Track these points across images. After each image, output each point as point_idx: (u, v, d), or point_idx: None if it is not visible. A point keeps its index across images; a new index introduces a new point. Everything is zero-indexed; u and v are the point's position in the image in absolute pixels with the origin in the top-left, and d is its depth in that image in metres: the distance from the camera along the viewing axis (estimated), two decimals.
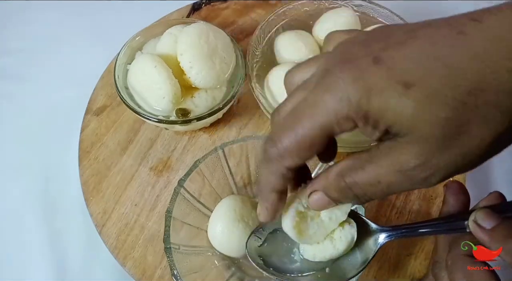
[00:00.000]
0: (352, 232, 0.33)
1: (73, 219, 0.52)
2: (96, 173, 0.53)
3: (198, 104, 0.52)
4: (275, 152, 0.27)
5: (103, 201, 0.51)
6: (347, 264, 0.34)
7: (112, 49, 0.58)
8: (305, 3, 0.59)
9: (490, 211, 0.29)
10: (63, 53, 0.66)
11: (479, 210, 0.30)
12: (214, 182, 0.47)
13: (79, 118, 0.57)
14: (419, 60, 0.23)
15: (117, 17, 0.68)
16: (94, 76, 0.60)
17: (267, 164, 0.28)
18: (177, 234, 0.42)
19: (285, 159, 0.27)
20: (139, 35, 0.55)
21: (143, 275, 0.47)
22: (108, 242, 0.49)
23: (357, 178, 0.26)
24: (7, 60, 0.65)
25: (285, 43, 0.55)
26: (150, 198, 0.52)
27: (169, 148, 0.55)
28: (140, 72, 0.50)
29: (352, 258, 0.34)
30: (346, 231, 0.33)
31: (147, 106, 0.51)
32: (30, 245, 0.51)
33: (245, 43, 0.60)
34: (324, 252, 0.34)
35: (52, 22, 0.69)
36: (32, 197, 0.54)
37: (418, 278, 0.47)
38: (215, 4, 0.68)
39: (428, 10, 0.66)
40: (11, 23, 0.69)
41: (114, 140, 0.56)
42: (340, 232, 0.33)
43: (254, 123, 0.57)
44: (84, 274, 0.50)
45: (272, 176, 0.28)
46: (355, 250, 0.34)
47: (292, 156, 0.27)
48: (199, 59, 0.50)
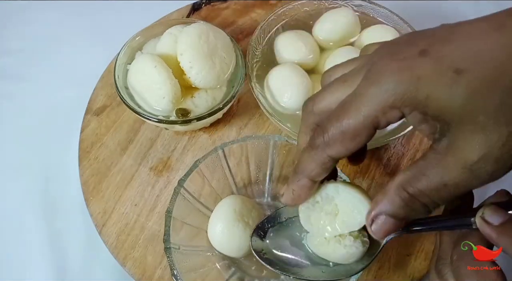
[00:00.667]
0: (361, 250, 0.32)
1: (73, 219, 0.52)
2: (96, 173, 0.53)
3: (198, 104, 0.52)
4: (321, 141, 0.28)
5: (103, 201, 0.51)
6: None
7: (112, 49, 0.58)
8: (305, 3, 0.59)
9: (498, 207, 0.29)
10: (63, 53, 0.66)
11: (487, 207, 0.29)
12: (214, 182, 0.47)
13: (79, 118, 0.57)
14: (466, 51, 0.23)
15: (117, 17, 0.68)
16: (94, 76, 0.60)
17: (311, 151, 0.29)
18: (177, 234, 0.42)
19: (330, 148, 0.27)
20: (139, 35, 0.55)
21: (143, 275, 0.47)
22: (108, 242, 0.49)
23: (421, 186, 0.25)
24: (7, 60, 0.65)
25: (285, 43, 0.55)
26: (150, 198, 0.52)
27: (169, 148, 0.55)
28: (140, 72, 0.50)
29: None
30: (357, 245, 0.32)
31: (147, 106, 0.51)
32: (30, 245, 0.51)
33: (245, 43, 0.60)
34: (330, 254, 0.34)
35: (52, 22, 0.69)
36: (32, 197, 0.54)
37: (418, 278, 0.47)
38: (215, 4, 0.68)
39: (428, 10, 0.66)
40: (11, 23, 0.69)
41: (114, 140, 0.56)
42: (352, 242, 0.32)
43: (254, 123, 0.57)
44: (84, 274, 0.50)
45: (312, 162, 0.29)
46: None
47: (337, 146, 0.27)
48: (199, 59, 0.50)
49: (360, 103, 0.26)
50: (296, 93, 0.51)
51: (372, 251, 0.33)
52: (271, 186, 0.49)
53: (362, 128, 0.26)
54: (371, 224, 0.29)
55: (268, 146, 0.46)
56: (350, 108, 0.26)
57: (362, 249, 0.32)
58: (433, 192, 0.25)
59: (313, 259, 0.35)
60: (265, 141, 0.46)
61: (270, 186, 0.50)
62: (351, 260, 0.33)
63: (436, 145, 0.25)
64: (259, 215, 0.46)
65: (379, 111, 0.25)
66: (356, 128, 0.26)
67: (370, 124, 0.26)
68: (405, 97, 0.24)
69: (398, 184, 0.26)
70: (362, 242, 0.33)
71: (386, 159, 0.54)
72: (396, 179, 0.27)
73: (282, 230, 0.37)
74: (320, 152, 0.28)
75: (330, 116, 0.28)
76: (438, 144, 0.25)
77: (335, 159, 0.28)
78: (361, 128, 0.26)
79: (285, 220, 0.37)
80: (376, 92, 0.25)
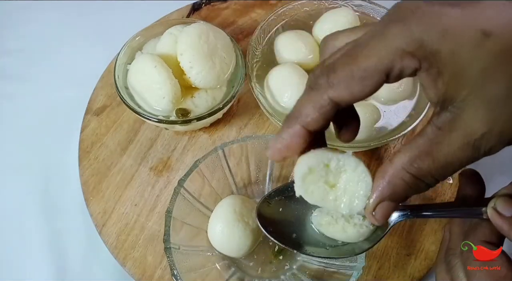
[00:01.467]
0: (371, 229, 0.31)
1: (73, 219, 0.52)
2: (96, 173, 0.53)
3: (198, 104, 0.52)
4: (325, 80, 0.25)
5: (103, 201, 0.51)
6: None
7: (112, 49, 0.58)
8: (305, 3, 0.59)
9: (511, 199, 0.29)
10: (63, 53, 0.66)
11: (500, 198, 0.29)
12: (214, 182, 0.47)
13: (79, 118, 0.57)
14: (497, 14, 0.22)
15: (117, 17, 0.68)
16: (94, 76, 0.60)
17: (309, 92, 0.26)
18: (177, 234, 0.42)
19: (333, 89, 0.24)
20: (139, 35, 0.55)
21: (143, 275, 0.47)
22: (108, 242, 0.49)
23: (425, 166, 0.24)
24: (7, 60, 0.65)
25: (285, 43, 0.55)
26: (150, 198, 0.52)
27: (169, 148, 0.55)
28: (140, 72, 0.50)
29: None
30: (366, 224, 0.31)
31: (147, 106, 0.51)
32: (30, 245, 0.51)
33: (245, 43, 0.60)
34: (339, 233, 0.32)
35: (52, 22, 0.69)
36: (32, 197, 0.54)
37: (418, 278, 0.47)
38: (215, 4, 0.68)
39: None
40: (11, 23, 0.69)
41: (114, 140, 0.56)
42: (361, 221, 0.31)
43: (254, 123, 0.57)
44: (84, 274, 0.50)
45: (309, 104, 0.25)
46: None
47: (341, 87, 0.24)
48: (199, 59, 0.50)
49: (378, 42, 0.23)
50: (296, 93, 0.51)
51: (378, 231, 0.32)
52: (271, 186, 0.49)
53: (373, 71, 0.23)
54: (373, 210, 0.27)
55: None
56: (365, 47, 0.24)
57: (372, 228, 0.31)
58: (438, 171, 0.24)
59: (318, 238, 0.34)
60: (265, 141, 0.46)
61: (270, 186, 0.50)
62: (361, 239, 0.32)
63: (437, 120, 0.24)
64: None
65: (397, 55, 0.22)
66: (367, 70, 0.23)
67: (383, 69, 0.23)
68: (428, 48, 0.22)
69: (400, 166, 0.24)
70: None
71: (386, 159, 0.54)
72: (397, 161, 0.25)
73: (289, 204, 0.35)
74: (321, 93, 0.25)
75: (341, 55, 0.25)
76: (439, 119, 0.23)
77: (335, 104, 0.25)
78: (373, 70, 0.23)
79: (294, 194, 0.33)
80: (398, 32, 0.22)
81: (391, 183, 0.25)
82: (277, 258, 0.46)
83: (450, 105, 0.23)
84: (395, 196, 0.26)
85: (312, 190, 0.30)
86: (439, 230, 0.49)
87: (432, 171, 0.24)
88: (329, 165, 0.29)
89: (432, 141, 0.23)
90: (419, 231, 0.49)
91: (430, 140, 0.24)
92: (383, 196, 0.26)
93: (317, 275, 0.44)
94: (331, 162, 0.29)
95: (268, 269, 0.46)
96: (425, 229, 0.49)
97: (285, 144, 0.27)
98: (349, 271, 0.39)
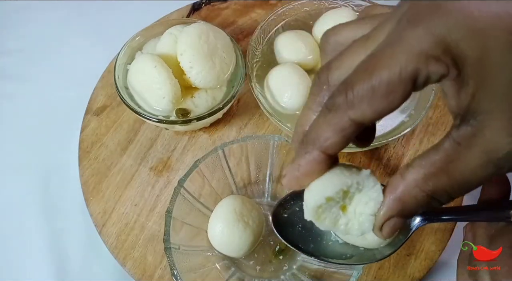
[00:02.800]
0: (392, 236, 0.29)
1: (73, 219, 0.52)
2: (96, 173, 0.53)
3: (198, 104, 0.52)
4: (343, 100, 0.22)
5: (103, 201, 0.51)
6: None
7: (112, 49, 0.58)
8: (305, 3, 0.59)
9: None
10: (63, 53, 0.66)
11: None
12: (214, 182, 0.47)
13: (79, 118, 0.57)
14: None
15: (117, 17, 0.68)
16: (94, 76, 0.60)
17: (328, 114, 0.23)
18: (177, 234, 0.42)
19: (354, 109, 0.21)
20: (139, 35, 0.55)
21: (143, 275, 0.47)
22: (108, 242, 0.49)
23: (441, 185, 0.22)
24: (7, 60, 0.65)
25: (285, 43, 0.55)
26: (150, 198, 0.52)
27: (169, 148, 0.55)
28: (140, 72, 0.50)
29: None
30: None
31: (147, 106, 0.51)
32: (30, 245, 0.51)
33: (245, 43, 0.60)
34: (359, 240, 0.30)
35: (52, 22, 0.69)
36: (32, 197, 0.54)
37: (418, 278, 0.47)
38: (215, 4, 0.68)
39: None
40: (11, 23, 0.69)
41: (114, 140, 0.56)
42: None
43: (254, 123, 0.57)
44: (84, 274, 0.50)
45: (329, 128, 0.22)
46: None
47: (364, 106, 0.21)
48: (199, 59, 0.50)
49: (398, 47, 0.20)
50: (296, 93, 0.51)
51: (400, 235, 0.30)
52: (271, 186, 0.50)
53: (398, 82, 0.20)
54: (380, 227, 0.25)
55: (268, 146, 0.46)
56: (384, 57, 0.21)
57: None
58: (454, 189, 0.22)
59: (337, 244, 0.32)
60: (265, 141, 0.46)
61: (270, 186, 0.50)
62: (381, 245, 0.30)
63: (456, 134, 0.21)
64: (259, 215, 0.46)
65: (421, 60, 0.20)
66: (391, 82, 0.20)
67: (409, 76, 0.20)
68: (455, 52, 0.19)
69: (413, 184, 0.22)
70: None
71: (386, 159, 0.54)
72: (409, 177, 0.22)
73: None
74: (341, 114, 0.22)
75: (357, 69, 0.22)
76: (458, 132, 0.21)
77: (358, 124, 0.22)
78: (397, 82, 0.20)
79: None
80: (420, 34, 0.20)
81: (402, 201, 0.23)
82: (277, 258, 0.46)
83: (472, 118, 0.20)
84: (404, 213, 0.24)
85: (325, 217, 0.26)
86: (439, 230, 0.49)
87: (447, 189, 0.22)
88: (348, 191, 0.25)
89: (449, 157, 0.21)
90: (419, 231, 0.49)
91: (447, 156, 0.21)
92: (392, 213, 0.24)
93: (317, 275, 0.44)
94: (351, 188, 0.25)
95: (268, 269, 0.46)
96: (425, 229, 0.49)
97: (304, 171, 0.24)
98: (349, 271, 0.39)
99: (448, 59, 0.20)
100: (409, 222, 0.30)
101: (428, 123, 0.56)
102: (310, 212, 0.26)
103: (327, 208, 0.26)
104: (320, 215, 0.26)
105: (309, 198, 0.25)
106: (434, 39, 0.20)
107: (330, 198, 0.25)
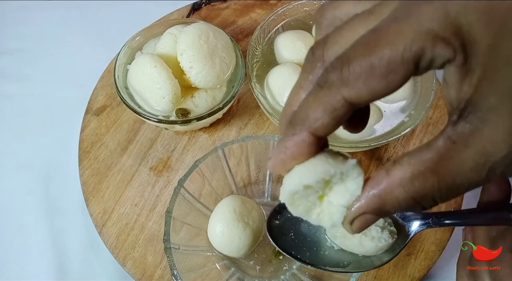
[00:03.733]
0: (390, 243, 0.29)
1: (73, 219, 0.52)
2: (96, 173, 0.53)
3: (198, 104, 0.52)
4: (338, 76, 0.20)
5: (103, 201, 0.51)
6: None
7: (112, 49, 0.58)
8: (305, 3, 0.59)
9: None
10: (63, 53, 0.66)
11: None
12: (214, 182, 0.47)
13: (79, 118, 0.57)
14: None
15: (117, 17, 0.68)
16: (94, 76, 0.60)
17: (319, 91, 0.21)
18: (177, 234, 0.42)
19: (349, 87, 0.20)
20: (139, 35, 0.55)
21: (143, 275, 0.47)
22: (108, 242, 0.49)
23: (429, 186, 0.20)
24: (7, 60, 0.65)
25: (285, 43, 0.55)
26: (150, 198, 0.52)
27: (169, 148, 0.55)
28: (140, 72, 0.50)
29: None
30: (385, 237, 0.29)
31: (147, 106, 0.51)
32: (30, 245, 0.51)
33: (245, 43, 0.60)
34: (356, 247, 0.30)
35: (52, 22, 0.69)
36: (32, 197, 0.54)
37: (418, 278, 0.47)
38: (215, 4, 0.68)
39: None
40: (11, 23, 0.69)
41: (114, 140, 0.56)
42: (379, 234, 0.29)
43: (254, 123, 0.57)
44: (84, 274, 0.50)
45: (318, 107, 0.21)
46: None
47: (359, 85, 0.19)
48: (199, 59, 0.50)
49: (404, 23, 0.18)
50: None
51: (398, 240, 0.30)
52: (271, 186, 0.50)
53: (400, 62, 0.19)
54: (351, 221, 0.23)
55: (268, 146, 0.46)
56: (387, 33, 0.19)
57: (390, 242, 0.29)
58: (441, 193, 0.20)
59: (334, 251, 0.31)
60: (265, 141, 0.46)
61: (270, 186, 0.50)
62: (379, 252, 0.30)
63: (452, 131, 0.19)
64: (259, 215, 0.46)
65: (428, 39, 0.18)
66: (392, 61, 0.19)
67: (412, 57, 0.18)
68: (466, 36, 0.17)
69: (397, 182, 0.20)
70: (390, 232, 0.29)
71: (386, 159, 0.54)
72: (395, 175, 0.20)
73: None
74: (333, 92, 0.20)
75: (356, 44, 0.20)
76: (454, 130, 0.19)
77: (351, 105, 0.20)
78: (399, 61, 0.18)
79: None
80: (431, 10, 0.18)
81: (382, 199, 0.21)
82: (277, 258, 0.46)
83: (471, 113, 0.19)
84: (381, 211, 0.21)
85: (300, 204, 0.25)
86: (439, 230, 0.49)
87: (434, 192, 0.20)
88: (330, 180, 0.23)
89: (441, 156, 0.19)
90: None
91: (439, 155, 0.19)
92: (367, 210, 0.22)
93: (317, 275, 0.44)
94: (333, 178, 0.23)
95: (268, 269, 0.46)
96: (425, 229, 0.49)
97: (290, 154, 0.22)
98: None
99: (457, 43, 0.18)
100: (408, 228, 0.30)
101: (428, 123, 0.56)
102: (286, 196, 0.24)
103: (304, 195, 0.24)
104: (295, 201, 0.24)
105: (287, 182, 0.24)
106: (447, 19, 0.18)
107: (309, 186, 0.23)
